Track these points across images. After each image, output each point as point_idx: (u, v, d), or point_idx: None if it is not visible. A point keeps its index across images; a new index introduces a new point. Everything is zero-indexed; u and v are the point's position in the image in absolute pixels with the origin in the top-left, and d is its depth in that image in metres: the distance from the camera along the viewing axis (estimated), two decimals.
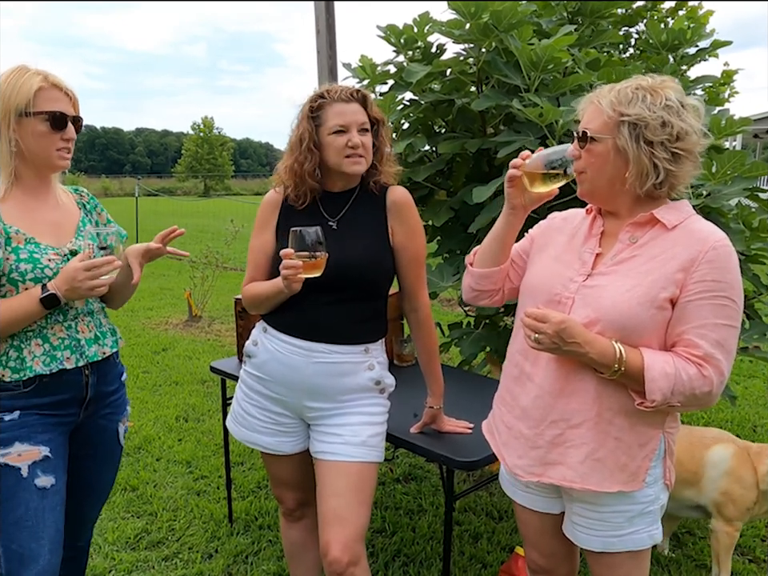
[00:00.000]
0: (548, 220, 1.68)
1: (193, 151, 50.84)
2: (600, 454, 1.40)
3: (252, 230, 1.91)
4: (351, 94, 1.77)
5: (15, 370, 1.58)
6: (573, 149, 1.45)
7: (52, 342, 1.62)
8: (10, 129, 1.57)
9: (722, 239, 1.34)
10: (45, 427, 1.61)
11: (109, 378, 1.77)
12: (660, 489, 1.46)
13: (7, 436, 1.56)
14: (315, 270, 1.61)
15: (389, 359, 1.89)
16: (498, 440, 1.62)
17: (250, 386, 1.89)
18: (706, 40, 3.00)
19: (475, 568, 2.58)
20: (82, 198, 1.82)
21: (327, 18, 4.53)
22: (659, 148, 1.33)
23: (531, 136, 2.53)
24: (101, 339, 1.74)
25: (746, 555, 2.67)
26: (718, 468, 2.33)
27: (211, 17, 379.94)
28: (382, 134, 1.83)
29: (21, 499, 1.56)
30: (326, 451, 1.79)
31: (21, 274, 1.56)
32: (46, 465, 1.59)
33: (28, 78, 1.58)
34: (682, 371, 1.30)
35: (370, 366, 1.82)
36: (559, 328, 1.32)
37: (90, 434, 1.76)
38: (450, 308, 7.25)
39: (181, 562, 2.62)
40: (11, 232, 1.57)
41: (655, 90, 1.35)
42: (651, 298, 1.33)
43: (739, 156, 2.38)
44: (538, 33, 2.83)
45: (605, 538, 1.46)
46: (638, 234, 1.41)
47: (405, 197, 1.84)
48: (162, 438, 3.81)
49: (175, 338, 6.13)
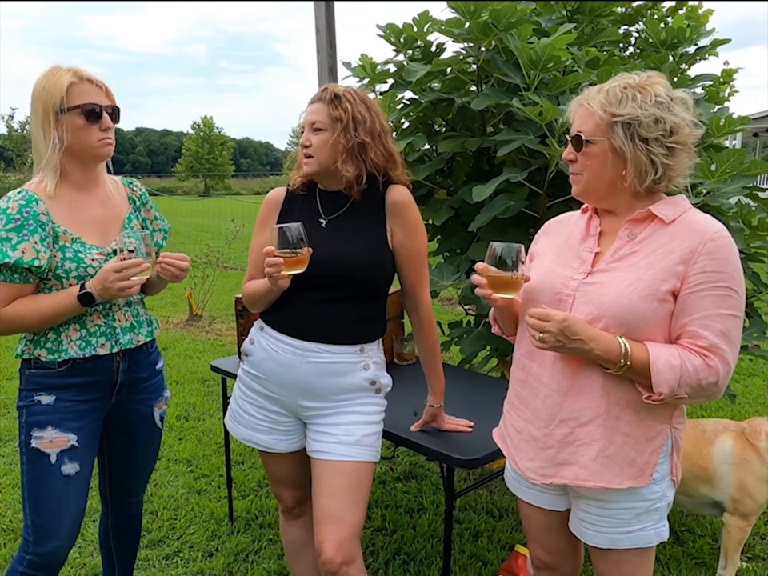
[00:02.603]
0: (543, 228, 1.69)
1: (193, 151, 50.85)
2: (610, 450, 1.41)
3: (253, 229, 1.93)
4: (319, 95, 1.78)
5: (51, 351, 1.69)
6: (567, 152, 1.46)
7: (89, 328, 1.73)
8: (51, 127, 1.65)
9: (720, 230, 1.34)
10: (77, 414, 1.72)
11: (141, 365, 1.86)
12: (667, 485, 1.47)
13: (42, 419, 1.68)
14: (298, 267, 1.62)
15: (389, 358, 1.90)
16: (510, 445, 1.61)
17: (247, 384, 1.89)
18: (705, 38, 3.00)
19: (475, 566, 2.59)
20: (134, 193, 1.90)
21: (327, 17, 4.53)
22: (655, 144, 1.34)
23: (531, 134, 2.53)
24: (136, 328, 1.83)
25: (745, 553, 2.68)
26: (726, 461, 2.35)
27: (211, 17, 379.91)
28: (359, 130, 1.74)
29: (48, 482, 1.70)
30: (320, 450, 1.79)
31: (65, 272, 1.66)
32: (73, 453, 1.71)
33: (60, 77, 1.65)
34: (687, 362, 1.31)
35: (366, 366, 1.82)
36: (562, 326, 1.32)
37: (127, 417, 1.88)
38: (451, 307, 7.25)
39: (181, 561, 2.62)
40: (59, 231, 1.67)
41: (644, 88, 1.36)
42: (653, 291, 1.34)
43: (738, 154, 2.38)
44: (538, 31, 2.83)
45: (612, 535, 1.46)
46: (636, 230, 1.42)
47: (404, 196, 1.81)
48: (162, 437, 3.81)
49: (176, 337, 6.14)
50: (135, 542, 2.12)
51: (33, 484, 1.70)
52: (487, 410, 2.21)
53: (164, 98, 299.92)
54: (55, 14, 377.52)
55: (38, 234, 1.61)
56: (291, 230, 1.61)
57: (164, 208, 21.89)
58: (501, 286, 1.43)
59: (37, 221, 1.62)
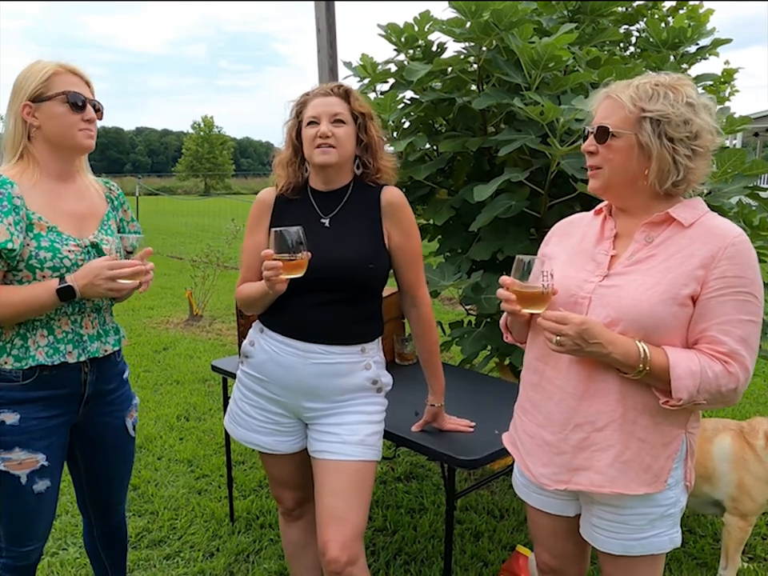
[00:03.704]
0: (553, 229, 1.66)
1: (193, 150, 50.80)
2: (626, 455, 1.38)
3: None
4: (332, 88, 1.78)
5: (18, 358, 1.59)
6: (588, 143, 1.42)
7: (56, 334, 1.64)
8: (24, 113, 1.59)
9: (740, 235, 1.33)
10: (44, 432, 1.64)
11: (108, 376, 1.78)
12: (681, 491, 1.44)
13: (8, 440, 1.60)
14: (297, 271, 1.60)
15: (390, 358, 1.89)
16: (522, 450, 1.57)
17: (248, 386, 1.88)
18: (706, 38, 2.99)
19: (476, 566, 2.58)
20: (111, 193, 1.84)
21: (328, 17, 4.53)
22: (680, 145, 1.32)
23: (532, 134, 2.53)
24: (103, 337, 1.75)
25: (746, 554, 2.67)
26: (725, 459, 2.35)
27: (211, 17, 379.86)
28: (371, 128, 1.80)
29: (20, 500, 1.65)
30: (324, 450, 1.79)
31: (40, 262, 1.56)
32: (43, 472, 1.66)
33: (42, 65, 1.61)
34: (707, 368, 1.29)
35: (367, 366, 1.82)
36: (581, 329, 1.30)
37: (97, 430, 1.79)
38: (451, 306, 7.24)
39: (182, 561, 2.62)
40: (34, 219, 1.58)
41: (676, 88, 1.34)
42: (673, 295, 1.32)
43: (739, 154, 2.38)
44: (539, 31, 2.83)
45: (625, 541, 1.44)
46: (653, 233, 1.40)
47: (399, 197, 1.84)
48: (163, 436, 3.82)
49: (176, 337, 6.13)
50: (124, 548, 2.06)
51: (4, 500, 1.65)
52: (488, 410, 2.20)
53: (164, 98, 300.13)
54: (55, 14, 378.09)
55: (11, 216, 1.51)
56: (291, 234, 1.58)
57: (164, 208, 21.71)
58: (530, 300, 1.38)
59: (11, 203, 1.52)
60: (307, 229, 1.65)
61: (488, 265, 2.86)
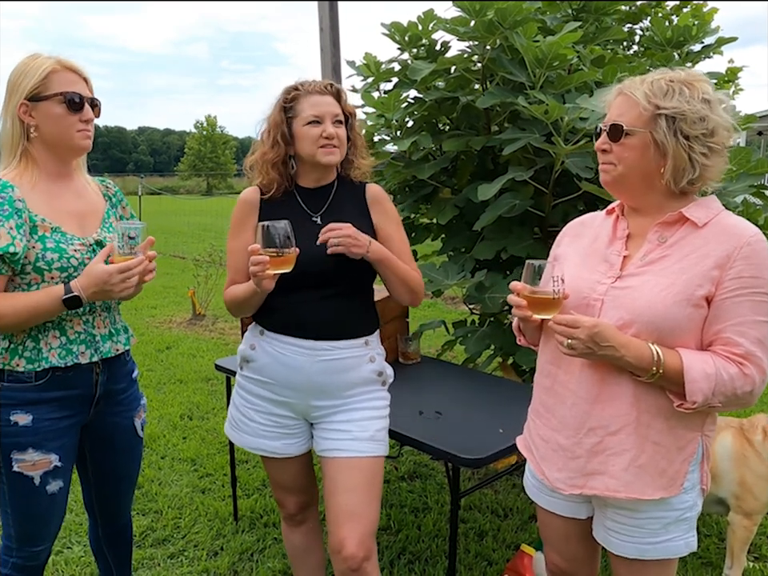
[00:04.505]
0: (564, 230, 1.63)
1: (195, 150, 50.82)
2: (642, 460, 1.36)
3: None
4: (325, 86, 1.79)
5: (30, 360, 1.59)
6: (601, 142, 1.39)
7: (69, 335, 1.64)
8: (21, 112, 1.57)
9: (756, 234, 1.30)
10: (56, 433, 1.64)
11: (118, 375, 1.78)
12: (697, 495, 1.42)
13: (22, 441, 1.60)
14: (285, 266, 1.57)
15: (393, 357, 1.90)
16: (536, 455, 1.55)
17: (251, 390, 1.85)
18: (710, 37, 2.98)
19: (481, 565, 2.58)
20: (108, 191, 1.83)
21: (331, 16, 4.53)
22: (696, 142, 1.29)
23: (536, 133, 2.53)
24: (115, 336, 1.75)
25: (752, 553, 2.67)
26: (726, 457, 2.34)
27: (212, 17, 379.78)
28: (355, 127, 1.86)
29: (33, 500, 1.66)
30: (334, 448, 1.78)
31: (47, 263, 1.56)
32: (56, 473, 1.66)
33: (40, 62, 1.58)
34: (722, 370, 1.27)
35: (372, 359, 1.83)
36: (592, 332, 1.28)
37: (107, 431, 1.79)
38: (455, 306, 7.24)
39: (186, 560, 2.62)
40: (37, 220, 1.57)
41: (691, 84, 1.31)
42: (688, 296, 1.29)
43: (744, 153, 2.37)
44: (543, 30, 2.82)
45: (639, 545, 1.41)
46: (666, 233, 1.37)
47: (382, 192, 1.90)
48: (166, 436, 3.82)
49: (179, 336, 6.14)
50: (129, 547, 2.06)
51: (17, 501, 1.65)
52: (492, 410, 2.20)
53: (166, 98, 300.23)
54: (55, 14, 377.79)
55: (13, 219, 1.50)
56: (278, 228, 1.56)
57: (167, 207, 21.70)
58: (541, 305, 1.36)
59: (12, 206, 1.51)
60: (300, 226, 1.64)
61: (492, 264, 2.85)
